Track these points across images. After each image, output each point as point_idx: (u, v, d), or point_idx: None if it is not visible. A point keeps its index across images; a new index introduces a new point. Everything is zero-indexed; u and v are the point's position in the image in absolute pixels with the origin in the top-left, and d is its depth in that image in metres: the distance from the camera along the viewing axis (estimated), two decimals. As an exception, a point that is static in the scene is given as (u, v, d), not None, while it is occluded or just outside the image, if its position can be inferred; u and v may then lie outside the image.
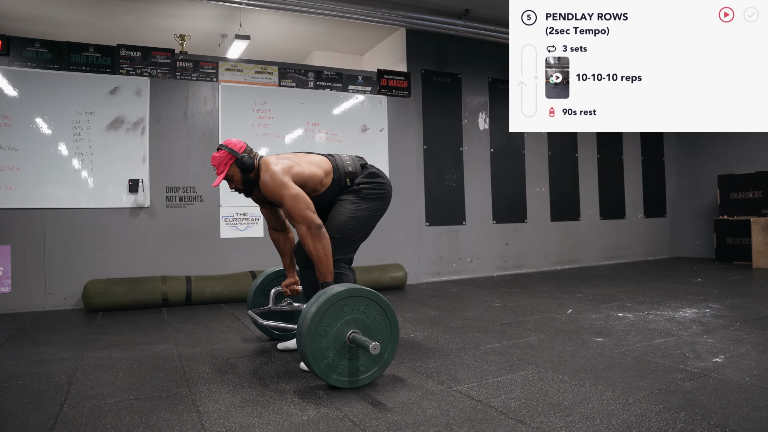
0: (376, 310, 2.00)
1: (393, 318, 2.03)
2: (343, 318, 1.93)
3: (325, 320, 1.90)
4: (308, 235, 2.15)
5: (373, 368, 2.00)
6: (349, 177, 2.40)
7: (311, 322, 1.88)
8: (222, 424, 1.67)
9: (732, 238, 6.22)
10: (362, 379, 1.97)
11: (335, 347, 1.92)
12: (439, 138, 5.42)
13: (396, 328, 2.04)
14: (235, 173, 2.31)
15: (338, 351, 1.93)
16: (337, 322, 1.92)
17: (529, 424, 1.61)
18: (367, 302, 1.98)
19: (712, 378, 2.00)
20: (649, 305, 3.60)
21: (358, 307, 1.96)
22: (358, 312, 1.96)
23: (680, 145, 7.32)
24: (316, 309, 1.89)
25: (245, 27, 5.30)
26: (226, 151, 2.28)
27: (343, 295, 1.94)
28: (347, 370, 1.94)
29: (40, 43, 3.95)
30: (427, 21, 5.16)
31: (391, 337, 2.02)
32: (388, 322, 2.02)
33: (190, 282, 3.99)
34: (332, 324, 1.92)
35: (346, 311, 1.94)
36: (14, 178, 3.82)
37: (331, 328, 1.91)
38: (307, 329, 1.87)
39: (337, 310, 1.92)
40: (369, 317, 1.98)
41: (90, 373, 2.25)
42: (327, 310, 1.91)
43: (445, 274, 5.39)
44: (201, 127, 4.41)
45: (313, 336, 1.88)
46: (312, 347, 1.88)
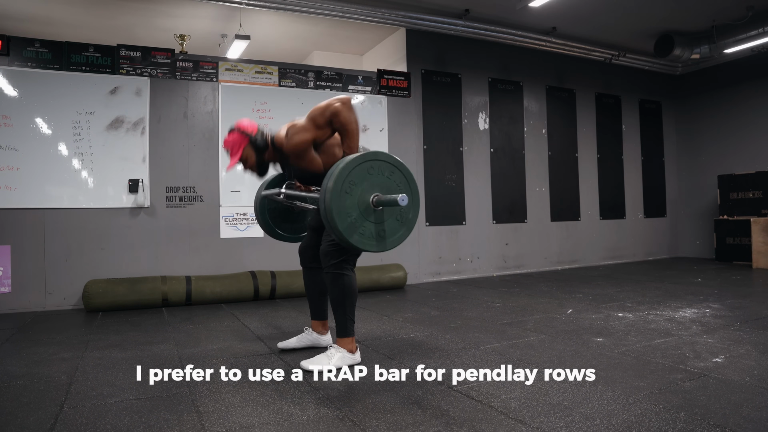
0: (399, 177, 2.00)
1: (411, 180, 2.04)
2: (368, 179, 1.93)
3: (351, 178, 1.90)
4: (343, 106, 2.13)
5: (400, 230, 1.99)
6: None
7: (338, 177, 1.86)
8: (222, 424, 1.67)
9: (732, 238, 6.22)
10: (390, 242, 1.97)
11: (359, 207, 1.91)
12: (439, 138, 5.42)
13: (415, 186, 2.05)
14: (250, 155, 2.29)
15: (362, 212, 1.92)
16: (362, 182, 1.92)
17: (529, 424, 1.61)
18: (392, 168, 1.98)
19: (712, 378, 2.00)
20: (649, 305, 3.60)
21: (383, 171, 1.96)
22: (383, 176, 1.96)
23: (680, 145, 7.32)
24: (344, 165, 1.89)
25: (245, 27, 5.30)
26: (239, 134, 2.27)
27: (369, 156, 1.95)
28: (373, 233, 1.94)
29: (40, 43, 3.95)
30: (427, 21, 5.16)
31: (412, 196, 2.02)
32: (406, 181, 2.02)
33: (190, 282, 3.99)
34: (357, 183, 1.91)
35: (372, 174, 1.94)
36: (14, 178, 3.82)
37: (357, 188, 1.91)
38: (333, 185, 1.86)
39: (363, 171, 1.92)
40: (392, 183, 1.98)
41: (90, 373, 2.25)
42: (354, 168, 1.90)
43: (445, 274, 5.39)
44: (201, 127, 4.41)
45: (338, 192, 1.86)
46: (337, 203, 1.87)
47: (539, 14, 5.24)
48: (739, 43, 5.61)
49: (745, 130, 6.57)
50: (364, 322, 3.20)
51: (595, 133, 6.56)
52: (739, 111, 6.63)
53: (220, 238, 4.41)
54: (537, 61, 6.08)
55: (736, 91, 6.66)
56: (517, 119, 5.95)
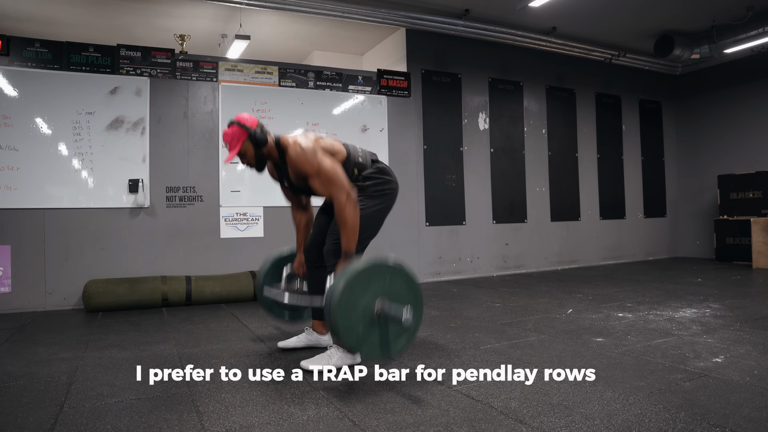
0: (400, 281, 2.03)
1: (417, 289, 2.07)
2: (370, 291, 1.96)
3: (353, 294, 1.92)
4: (348, 202, 2.14)
5: (403, 338, 2.03)
6: (357, 167, 2.37)
7: (340, 297, 1.89)
8: (222, 424, 1.67)
9: (732, 238, 6.22)
10: (393, 349, 2.01)
11: (364, 320, 1.94)
12: (439, 138, 5.42)
13: (420, 298, 2.08)
14: (248, 149, 2.29)
15: (368, 323, 1.95)
16: (364, 295, 1.94)
17: (529, 424, 1.61)
18: (392, 275, 2.01)
19: (712, 378, 2.00)
20: (649, 305, 3.59)
21: (384, 279, 1.99)
22: (385, 284, 1.99)
23: (680, 145, 7.32)
24: (345, 284, 1.91)
25: (245, 27, 5.30)
26: (239, 127, 2.27)
27: (369, 269, 1.97)
28: (378, 341, 1.97)
29: (40, 43, 3.94)
30: (427, 21, 5.16)
31: (417, 308, 2.05)
32: (412, 291, 2.05)
33: (190, 282, 3.99)
34: (360, 298, 1.94)
35: (373, 284, 1.97)
36: (14, 178, 3.82)
37: (360, 302, 1.93)
38: (337, 305, 1.88)
39: (364, 284, 1.95)
40: (394, 289, 2.01)
41: (90, 373, 2.25)
42: (354, 284, 1.93)
43: (445, 274, 5.39)
44: (201, 127, 4.41)
45: (342, 311, 1.89)
46: (343, 322, 1.90)
47: (539, 14, 5.24)
48: (739, 43, 5.60)
49: (745, 130, 6.57)
50: (364, 322, 3.20)
51: (595, 133, 6.56)
52: (739, 111, 6.63)
53: (220, 238, 4.41)
54: (537, 61, 6.08)
55: (736, 91, 6.66)
56: (517, 119, 5.95)
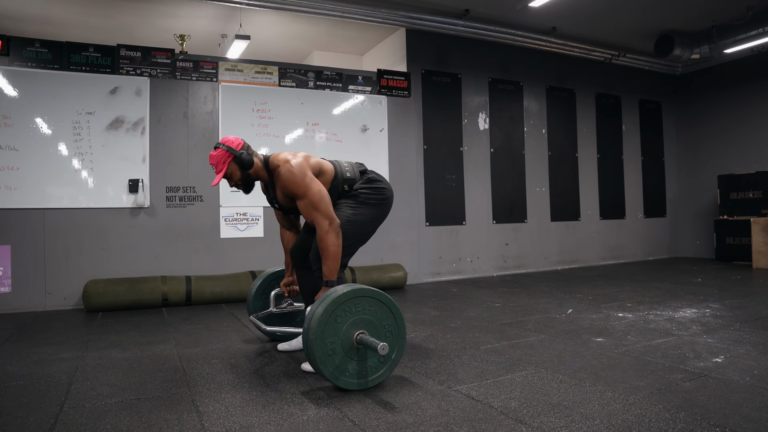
0: (382, 309, 1.98)
1: (399, 317, 2.02)
2: (349, 319, 1.92)
3: (332, 323, 1.89)
4: (330, 231, 2.14)
5: (382, 369, 1.98)
6: (347, 183, 2.39)
7: (318, 325, 1.86)
8: (222, 424, 1.67)
9: (732, 238, 6.22)
10: (371, 380, 1.96)
11: (343, 349, 1.91)
12: (439, 138, 5.42)
13: (403, 327, 2.03)
14: (234, 171, 2.30)
15: (346, 353, 1.91)
16: (343, 323, 1.91)
17: (529, 424, 1.61)
18: (373, 302, 1.97)
19: (712, 378, 2.00)
20: (649, 305, 3.60)
21: (364, 307, 1.95)
22: (365, 312, 1.95)
23: (680, 145, 7.32)
24: (323, 311, 1.87)
25: (245, 27, 5.30)
26: (224, 149, 2.27)
27: (348, 296, 1.92)
28: (356, 372, 1.93)
29: (40, 43, 3.94)
30: (427, 21, 5.16)
31: (398, 337, 2.01)
32: (394, 321, 2.01)
33: (190, 282, 3.99)
34: (339, 326, 1.90)
35: (352, 312, 1.93)
36: (14, 178, 3.82)
37: (339, 331, 1.90)
38: (314, 333, 1.85)
39: (343, 312, 1.91)
40: (375, 317, 1.96)
41: (90, 373, 2.25)
42: (333, 312, 1.89)
43: (445, 274, 5.39)
44: (201, 127, 4.41)
45: (320, 339, 1.86)
46: (320, 351, 1.86)
47: (539, 14, 5.24)
48: (739, 43, 5.60)
49: (745, 130, 6.57)
50: (364, 322, 3.20)
51: (595, 133, 6.56)
52: (739, 111, 6.63)
53: (220, 238, 4.41)
54: (537, 61, 6.08)
55: (736, 91, 6.66)
56: (517, 119, 5.95)
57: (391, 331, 2.00)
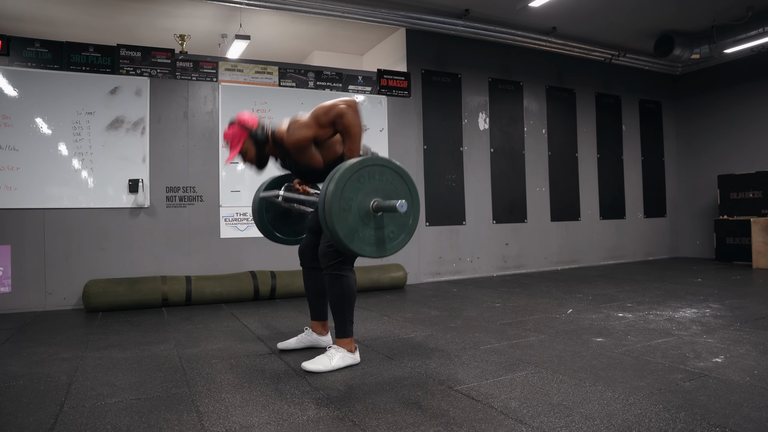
0: (392, 176, 1.98)
1: (412, 185, 2.02)
2: (364, 188, 1.91)
3: (346, 194, 1.88)
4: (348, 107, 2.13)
5: (400, 236, 1.98)
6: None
7: (338, 182, 1.85)
8: (222, 424, 1.67)
9: (732, 238, 6.22)
10: (389, 248, 1.96)
11: (360, 217, 1.90)
12: (439, 138, 5.42)
13: (415, 191, 2.03)
14: (249, 148, 2.29)
15: (364, 221, 1.91)
16: (357, 194, 1.90)
17: (529, 424, 1.61)
18: (383, 170, 1.96)
19: (712, 378, 2.00)
20: (649, 305, 3.60)
21: (374, 176, 1.94)
22: (376, 181, 1.94)
23: (680, 145, 7.32)
24: (335, 184, 1.86)
25: (245, 27, 5.30)
26: (239, 127, 2.26)
27: (357, 166, 1.92)
28: (372, 238, 1.92)
29: (40, 43, 3.95)
30: (427, 21, 5.16)
31: (412, 204, 2.01)
32: (406, 186, 2.00)
33: (190, 282, 3.99)
34: (353, 197, 1.90)
35: (364, 182, 1.92)
36: (14, 178, 3.82)
37: (354, 201, 1.90)
38: (333, 190, 1.85)
39: (355, 183, 1.90)
40: (387, 184, 1.96)
41: (90, 373, 2.25)
42: (345, 184, 1.88)
43: (445, 274, 5.39)
44: (201, 127, 4.41)
45: (336, 212, 1.85)
46: (338, 222, 1.85)
47: (539, 14, 5.24)
48: (739, 43, 5.60)
49: (745, 130, 6.57)
50: (364, 322, 3.20)
51: (595, 133, 6.56)
52: (739, 111, 6.63)
53: (220, 238, 4.41)
54: (537, 61, 6.08)
55: (736, 91, 6.66)
56: (517, 119, 5.95)
57: (404, 196, 1.98)
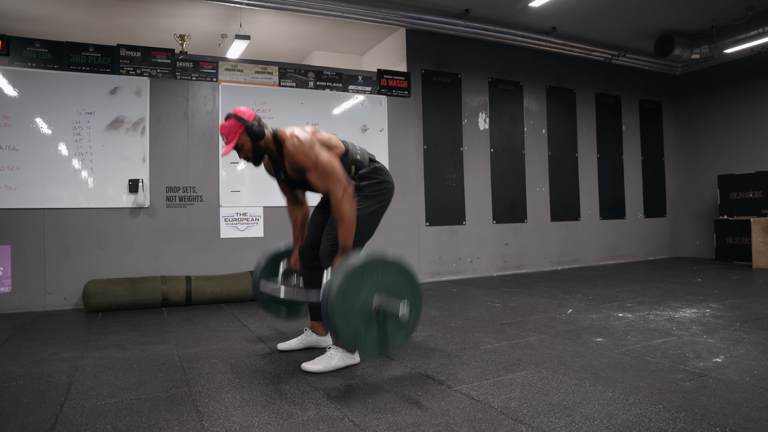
0: (397, 276, 2.00)
1: (415, 283, 2.04)
2: (368, 286, 1.93)
3: (351, 290, 1.89)
4: (345, 196, 2.12)
5: (401, 335, 2.00)
6: (355, 164, 2.37)
7: (338, 293, 1.86)
8: (222, 424, 1.67)
9: (732, 238, 6.22)
10: (390, 346, 1.98)
11: (362, 314, 1.91)
12: (439, 138, 5.42)
13: (419, 292, 2.05)
14: (245, 142, 2.28)
15: (365, 318, 1.92)
16: (361, 291, 1.92)
17: (529, 424, 1.61)
18: (392, 270, 1.98)
19: (712, 378, 2.00)
20: (649, 305, 3.59)
21: (382, 275, 1.96)
22: (383, 280, 1.96)
23: (680, 145, 7.32)
24: (342, 280, 1.88)
25: (245, 27, 5.30)
26: (236, 120, 2.25)
27: (367, 264, 1.94)
28: (376, 337, 1.94)
29: (40, 43, 3.95)
30: (427, 21, 5.16)
31: (415, 302, 2.02)
32: (410, 286, 2.02)
33: (190, 282, 3.99)
34: (357, 294, 1.91)
35: (371, 279, 1.94)
36: (14, 178, 3.82)
37: (357, 299, 1.91)
38: (334, 301, 1.86)
39: (361, 280, 1.92)
40: (394, 285, 1.98)
41: (90, 373, 2.25)
42: (352, 280, 1.90)
43: (445, 274, 5.39)
44: (201, 127, 4.41)
45: (340, 307, 1.87)
46: (340, 318, 1.87)
47: (539, 14, 5.24)
48: (739, 43, 5.60)
49: (745, 129, 6.57)
50: (364, 322, 3.20)
51: (595, 133, 6.56)
52: (739, 111, 6.63)
53: (220, 238, 4.41)
54: (537, 61, 6.08)
55: (736, 91, 6.66)
56: (517, 119, 5.95)
57: (408, 297, 2.00)
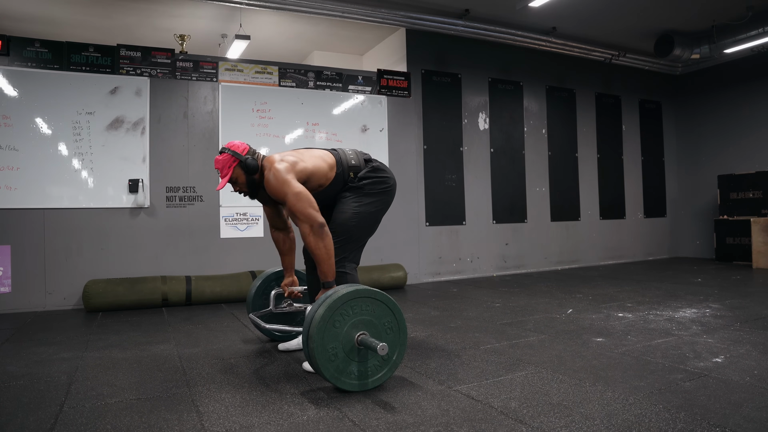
0: (383, 310, 1.97)
1: (400, 317, 2.01)
2: (350, 320, 1.91)
3: (332, 323, 1.88)
4: (311, 233, 2.12)
5: (383, 370, 1.97)
6: (352, 170, 2.37)
7: (318, 328, 1.85)
8: (222, 424, 1.67)
9: (732, 238, 6.22)
10: (371, 382, 1.95)
11: (344, 350, 1.90)
12: (439, 138, 5.42)
13: (404, 327, 2.02)
14: (239, 176, 2.29)
15: (347, 354, 1.91)
16: (344, 324, 1.90)
17: (529, 424, 1.61)
18: (372, 302, 1.95)
19: (712, 378, 2.00)
20: (649, 305, 3.59)
21: (364, 308, 1.94)
22: (365, 313, 1.94)
23: (680, 145, 7.32)
24: (322, 314, 1.86)
25: (245, 27, 5.30)
26: (229, 154, 2.26)
27: (349, 297, 1.91)
28: (357, 373, 1.92)
29: (40, 43, 3.94)
30: (427, 21, 5.16)
31: (399, 338, 2.00)
32: (395, 322, 2.00)
33: (190, 282, 3.99)
34: (340, 327, 1.89)
35: (353, 313, 1.92)
36: (14, 178, 3.82)
37: (339, 331, 1.89)
38: (315, 334, 1.85)
39: (343, 313, 1.90)
40: (375, 317, 1.95)
41: (90, 373, 2.25)
42: (333, 313, 1.88)
43: (445, 274, 5.39)
44: (201, 127, 4.41)
45: (321, 340, 1.85)
46: (320, 352, 1.86)
47: (539, 14, 5.24)
48: (739, 43, 5.60)
49: (745, 130, 6.57)
50: (364, 322, 3.20)
51: (595, 133, 6.56)
52: (739, 111, 6.63)
53: (220, 238, 4.41)
54: (537, 61, 6.08)
55: (736, 91, 6.66)
56: (517, 119, 5.95)
57: (392, 331, 1.99)
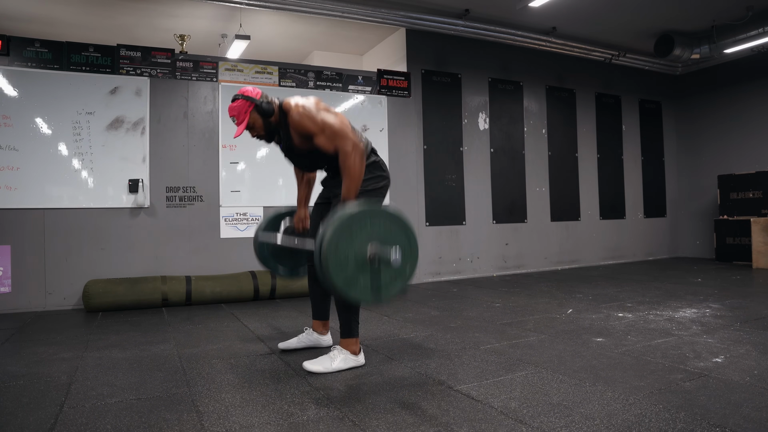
0: (392, 225, 1.97)
1: (411, 232, 2.01)
2: (363, 234, 1.91)
3: (346, 236, 1.88)
4: (355, 152, 2.10)
5: (396, 283, 1.98)
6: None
7: (329, 242, 1.84)
8: (222, 424, 1.67)
9: (732, 238, 6.22)
10: (385, 294, 1.95)
11: (356, 262, 1.89)
12: (439, 138, 5.42)
13: (414, 241, 2.02)
14: (256, 120, 2.27)
15: (359, 266, 1.90)
16: (357, 238, 1.89)
17: (529, 424, 1.61)
18: (383, 219, 1.96)
19: (712, 378, 2.00)
20: (649, 305, 3.60)
21: (374, 224, 1.94)
22: (379, 230, 1.94)
23: (680, 145, 7.32)
24: (334, 229, 1.86)
25: (245, 27, 5.30)
26: (244, 99, 2.25)
27: (360, 213, 1.92)
28: (369, 285, 1.92)
29: (40, 43, 3.94)
30: (427, 21, 5.16)
31: (410, 251, 2.00)
32: (405, 236, 2.00)
33: (190, 282, 3.99)
34: (353, 240, 1.89)
35: (367, 228, 1.91)
36: (14, 178, 3.82)
37: (353, 244, 1.89)
38: (326, 250, 1.84)
39: (358, 227, 1.90)
40: (389, 235, 1.95)
41: (90, 373, 2.25)
42: (343, 229, 1.88)
43: (445, 274, 5.39)
44: (201, 127, 4.41)
45: (333, 253, 1.85)
46: (334, 265, 1.85)
47: (539, 14, 5.24)
48: (739, 43, 5.60)
49: (745, 130, 6.57)
50: (364, 323, 3.20)
51: (595, 133, 6.56)
52: (739, 111, 6.63)
53: (220, 238, 4.41)
54: (537, 61, 6.08)
55: (736, 91, 6.66)
56: (517, 119, 5.95)
57: (403, 245, 1.98)
